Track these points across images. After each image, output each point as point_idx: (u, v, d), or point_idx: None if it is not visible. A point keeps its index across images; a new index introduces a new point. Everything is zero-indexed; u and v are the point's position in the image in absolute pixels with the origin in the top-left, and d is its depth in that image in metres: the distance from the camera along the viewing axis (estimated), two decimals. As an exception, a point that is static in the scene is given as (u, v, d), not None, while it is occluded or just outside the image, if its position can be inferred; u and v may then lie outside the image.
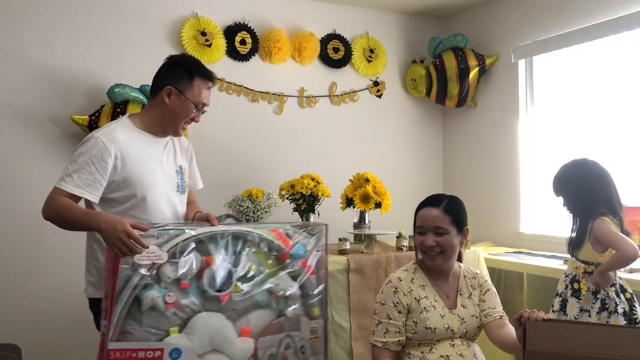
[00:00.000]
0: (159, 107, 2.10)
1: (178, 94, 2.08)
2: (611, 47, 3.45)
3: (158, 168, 2.11)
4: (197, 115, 2.14)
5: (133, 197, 2.03)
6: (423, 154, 4.59)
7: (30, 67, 3.29)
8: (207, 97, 2.15)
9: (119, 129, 2.06)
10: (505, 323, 1.98)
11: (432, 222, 2.00)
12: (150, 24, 3.59)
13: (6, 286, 3.21)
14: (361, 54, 4.25)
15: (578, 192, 2.57)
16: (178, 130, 2.15)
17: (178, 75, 2.09)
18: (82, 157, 1.96)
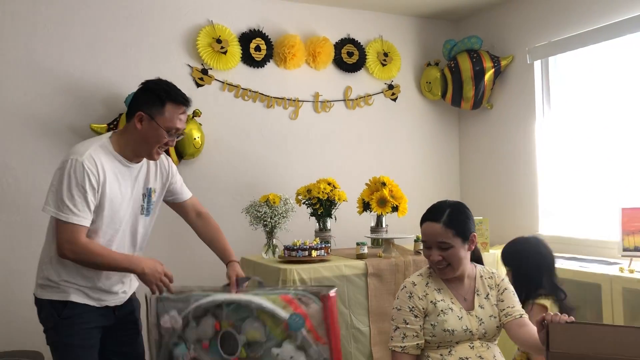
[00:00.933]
0: (132, 132, 2.11)
1: (149, 119, 2.08)
2: (627, 46, 3.41)
3: (128, 194, 2.15)
4: (170, 140, 2.12)
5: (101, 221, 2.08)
6: (439, 156, 4.58)
7: (50, 78, 3.34)
8: (181, 122, 2.13)
9: (99, 151, 2.07)
10: (526, 322, 1.97)
11: (434, 238, 1.99)
12: (166, 33, 3.63)
13: (29, 293, 3.25)
14: (375, 57, 4.26)
15: (521, 269, 2.49)
16: (152, 155, 2.15)
17: (150, 100, 2.09)
18: (75, 186, 1.99)
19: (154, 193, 2.26)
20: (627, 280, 2.81)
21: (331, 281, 2.89)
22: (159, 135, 2.09)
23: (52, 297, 2.11)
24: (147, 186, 2.23)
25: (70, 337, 2.10)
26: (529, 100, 3.98)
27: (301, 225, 3.50)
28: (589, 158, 3.67)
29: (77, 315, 2.10)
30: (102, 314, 2.17)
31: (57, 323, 2.10)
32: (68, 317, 2.09)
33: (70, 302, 2.09)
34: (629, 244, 3.00)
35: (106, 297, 2.17)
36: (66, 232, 2.00)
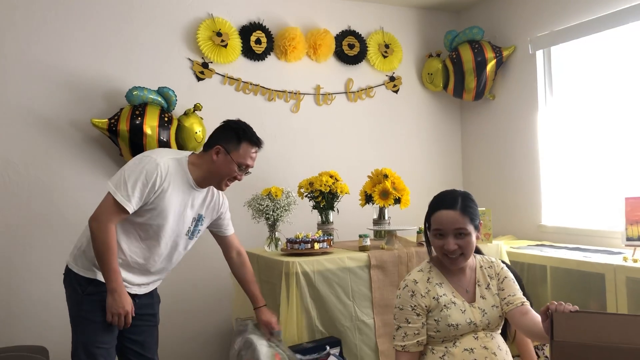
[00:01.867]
0: (208, 163, 2.35)
1: (225, 153, 2.33)
2: (630, 35, 3.39)
3: (182, 212, 2.36)
4: (239, 174, 2.39)
5: (150, 227, 2.30)
6: (441, 148, 4.57)
7: (50, 73, 3.33)
8: (252, 160, 2.41)
9: (176, 167, 2.30)
10: (528, 309, 1.95)
11: (452, 225, 1.95)
12: (166, 27, 3.62)
13: (33, 288, 3.26)
14: (376, 49, 4.24)
15: None
16: (221, 186, 2.41)
17: (228, 137, 2.35)
18: (141, 176, 2.20)
19: (203, 220, 2.48)
20: (630, 269, 2.80)
21: (334, 273, 2.89)
22: (231, 169, 2.35)
23: (80, 272, 2.30)
24: (199, 212, 2.45)
25: (90, 313, 2.26)
26: (531, 91, 3.96)
27: (303, 218, 3.50)
28: (592, 148, 3.65)
29: (100, 294, 2.23)
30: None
31: (80, 298, 2.28)
32: (91, 293, 2.26)
33: (97, 280, 2.26)
34: (632, 234, 2.99)
35: (130, 285, 2.33)
36: (108, 205, 2.20)
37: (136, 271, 2.35)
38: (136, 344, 2.46)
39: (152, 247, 2.34)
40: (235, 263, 2.67)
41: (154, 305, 2.51)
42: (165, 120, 3.34)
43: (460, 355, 1.90)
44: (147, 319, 2.46)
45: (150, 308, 2.48)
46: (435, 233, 1.99)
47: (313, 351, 2.69)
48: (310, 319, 2.83)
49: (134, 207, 2.20)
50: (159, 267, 2.42)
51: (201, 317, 3.69)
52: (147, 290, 2.45)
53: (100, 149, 3.43)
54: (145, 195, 2.21)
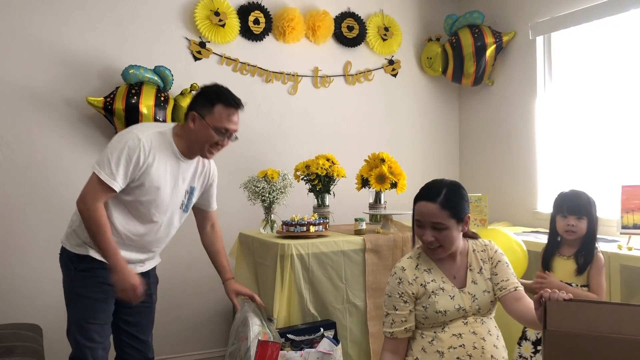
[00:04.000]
0: (187, 131, 2.30)
1: (200, 119, 2.26)
2: (631, 22, 3.36)
3: (173, 185, 2.32)
4: (221, 140, 2.29)
5: (143, 206, 2.27)
6: (439, 133, 4.55)
7: (45, 50, 3.29)
8: (231, 123, 2.29)
9: (159, 139, 2.26)
10: (522, 295, 1.95)
11: (429, 218, 1.93)
12: (163, 5, 3.57)
13: (26, 267, 3.25)
14: (376, 32, 4.20)
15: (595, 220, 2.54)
16: (205, 153, 2.32)
17: (203, 102, 2.28)
18: (124, 152, 2.16)
19: (195, 192, 2.45)
20: (625, 257, 2.80)
21: (328, 256, 2.90)
22: (208, 135, 2.26)
23: (73, 249, 2.29)
24: (191, 184, 2.41)
25: (83, 289, 2.27)
26: (531, 77, 3.94)
27: (299, 201, 3.49)
28: (589, 135, 3.64)
29: (93, 270, 2.25)
30: None
31: (73, 275, 2.29)
32: (84, 270, 2.27)
33: (89, 256, 2.25)
34: (628, 222, 2.99)
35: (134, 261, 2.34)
36: (93, 184, 2.17)
37: (132, 248, 2.33)
38: (130, 325, 2.46)
39: (147, 224, 2.32)
40: (208, 236, 2.65)
41: (150, 286, 2.48)
42: (161, 99, 3.31)
43: (448, 340, 1.90)
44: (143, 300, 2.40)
45: (147, 288, 2.41)
46: (416, 222, 2.00)
47: (307, 333, 2.71)
48: (302, 301, 2.84)
49: (120, 184, 2.17)
50: (155, 242, 2.41)
51: (195, 298, 3.70)
52: (144, 268, 2.44)
53: (95, 127, 3.40)
54: (130, 172, 2.18)
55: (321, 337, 2.71)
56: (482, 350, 1.89)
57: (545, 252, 2.65)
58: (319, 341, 2.68)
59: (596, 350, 1.37)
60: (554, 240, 2.63)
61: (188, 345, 3.70)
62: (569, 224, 2.52)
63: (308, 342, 2.67)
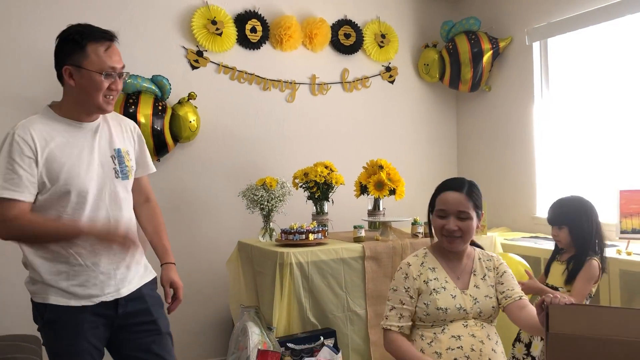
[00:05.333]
0: (69, 91, 1.88)
1: (77, 69, 1.83)
2: (627, 27, 3.38)
3: (87, 156, 1.89)
4: (113, 82, 1.88)
5: (66, 194, 1.83)
6: (437, 139, 4.56)
7: (43, 59, 3.28)
8: (112, 59, 1.87)
9: (37, 120, 1.85)
10: (526, 304, 1.98)
11: (456, 207, 1.99)
12: (161, 14, 3.58)
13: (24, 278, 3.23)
14: (373, 39, 4.21)
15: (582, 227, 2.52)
16: (101, 105, 1.88)
17: (69, 50, 1.86)
18: (2, 156, 1.77)
19: (126, 154, 2.00)
20: (624, 262, 2.81)
21: (328, 264, 2.89)
22: (96, 82, 1.84)
23: (34, 298, 1.89)
24: (114, 147, 1.97)
25: (54, 345, 1.87)
26: (528, 82, 3.95)
27: (298, 208, 3.49)
28: (587, 140, 3.65)
29: (58, 322, 1.84)
30: (97, 314, 1.88)
31: (43, 329, 1.89)
32: (50, 321, 1.85)
33: (50, 304, 1.84)
34: (626, 226, 3.00)
35: (94, 288, 1.87)
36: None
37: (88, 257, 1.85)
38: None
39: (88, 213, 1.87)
40: (144, 212, 2.15)
41: (150, 309, 1.99)
42: (159, 108, 3.31)
43: (447, 341, 1.92)
44: (146, 329, 1.97)
45: (147, 314, 1.98)
46: (438, 214, 2.03)
47: (307, 341, 2.70)
48: (302, 309, 2.83)
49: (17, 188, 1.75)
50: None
51: (195, 307, 3.69)
52: (129, 286, 1.95)
53: (93, 137, 3.40)
54: (24, 170, 1.76)
55: (321, 346, 2.70)
56: (480, 353, 1.90)
57: (549, 258, 2.71)
58: (319, 350, 2.68)
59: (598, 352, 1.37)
60: (556, 246, 2.68)
61: (188, 354, 3.68)
62: (552, 233, 2.63)
63: (308, 351, 2.66)
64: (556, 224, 2.57)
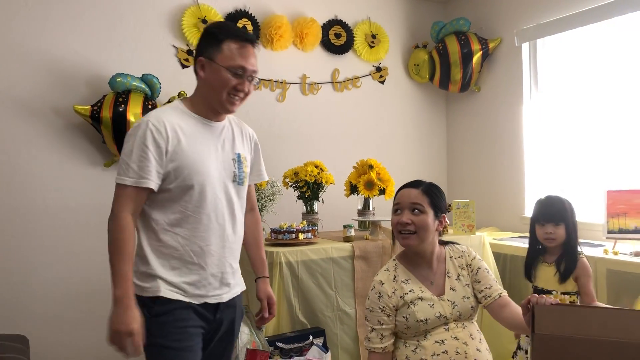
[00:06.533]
0: (200, 86, 1.94)
1: (209, 62, 1.88)
2: (616, 29, 3.41)
3: (213, 154, 1.92)
4: (240, 83, 1.89)
5: (189, 189, 1.85)
6: (427, 139, 4.58)
7: (32, 58, 3.27)
8: (246, 60, 1.89)
9: (170, 112, 1.90)
10: (508, 301, 1.96)
11: (409, 199, 1.97)
12: (150, 13, 3.57)
13: (13, 278, 3.22)
14: (363, 39, 4.22)
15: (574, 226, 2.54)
16: (224, 104, 1.90)
17: (208, 43, 1.90)
18: (137, 145, 1.79)
19: (245, 160, 2.03)
20: (611, 262, 2.83)
21: (317, 263, 2.89)
22: (223, 79, 1.86)
23: (142, 291, 1.84)
24: (235, 151, 2.00)
25: (162, 338, 1.82)
26: (517, 83, 3.98)
27: (288, 208, 3.49)
28: (575, 141, 3.68)
29: (172, 313, 1.84)
30: (199, 313, 1.89)
31: (149, 323, 1.81)
32: (159, 314, 1.83)
33: (162, 297, 1.83)
34: (613, 226, 3.03)
35: (202, 289, 1.89)
36: (116, 195, 1.80)
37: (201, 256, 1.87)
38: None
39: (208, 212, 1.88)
40: (248, 219, 2.16)
41: (235, 321, 2.03)
42: (149, 107, 3.30)
43: (431, 347, 1.90)
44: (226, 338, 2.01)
45: (232, 324, 2.01)
46: (394, 209, 2.02)
47: (296, 340, 2.70)
48: (291, 308, 2.83)
49: (153, 179, 1.79)
50: (229, 236, 1.96)
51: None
52: (230, 293, 1.96)
53: (82, 136, 3.38)
54: (156, 160, 1.79)
55: (310, 345, 2.70)
56: (465, 354, 1.89)
57: (527, 261, 2.65)
58: (308, 349, 2.68)
59: (584, 352, 1.38)
60: (535, 248, 2.64)
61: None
62: (547, 231, 2.54)
63: (297, 350, 2.66)
64: (554, 220, 2.52)
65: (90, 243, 3.30)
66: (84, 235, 3.31)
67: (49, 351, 3.21)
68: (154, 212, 1.86)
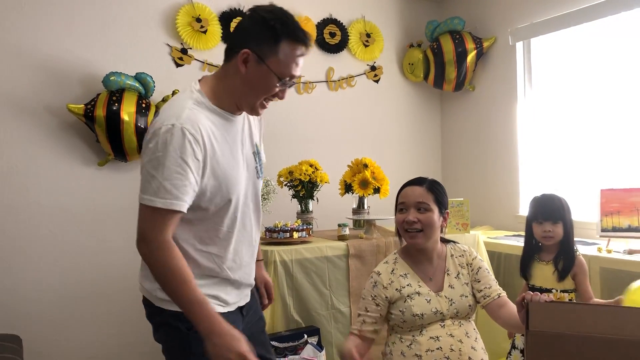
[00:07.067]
0: (233, 77, 1.60)
1: (258, 61, 1.56)
2: (609, 28, 3.42)
3: (240, 158, 1.69)
4: (282, 91, 1.64)
5: (226, 205, 1.64)
6: (421, 138, 4.58)
7: (25, 57, 3.25)
8: (298, 68, 1.63)
9: (199, 110, 1.58)
10: (505, 301, 1.97)
11: (414, 198, 1.98)
12: (145, 12, 3.55)
13: (6, 277, 3.20)
14: (358, 38, 4.22)
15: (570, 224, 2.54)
16: (256, 108, 1.66)
17: (260, 35, 1.56)
18: (172, 158, 1.48)
19: (261, 148, 1.84)
20: (604, 260, 2.84)
21: (312, 262, 2.89)
22: (269, 84, 1.59)
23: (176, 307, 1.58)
24: (254, 142, 1.79)
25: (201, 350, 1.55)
26: (511, 82, 3.99)
27: (283, 207, 3.49)
28: (569, 140, 3.70)
29: None
30: (235, 318, 1.72)
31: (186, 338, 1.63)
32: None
33: None
34: (607, 225, 3.04)
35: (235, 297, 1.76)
36: (146, 217, 1.51)
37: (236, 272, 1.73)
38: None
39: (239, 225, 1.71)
40: None
41: (258, 307, 1.95)
42: (142, 106, 3.29)
43: (426, 343, 1.92)
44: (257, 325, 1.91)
45: (257, 311, 1.92)
46: (399, 208, 2.03)
47: (290, 339, 2.70)
48: (286, 307, 2.83)
49: (185, 200, 1.51)
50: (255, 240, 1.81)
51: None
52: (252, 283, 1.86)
53: (76, 135, 3.37)
54: (194, 177, 1.52)
55: (305, 344, 2.70)
56: (460, 352, 1.90)
57: (523, 259, 2.64)
58: (302, 348, 2.68)
59: (577, 348, 1.39)
60: (531, 246, 2.63)
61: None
62: (545, 229, 2.53)
63: (292, 349, 2.66)
64: (552, 218, 2.51)
65: (83, 242, 3.28)
66: (78, 234, 3.29)
67: (43, 351, 3.20)
68: (182, 230, 1.61)
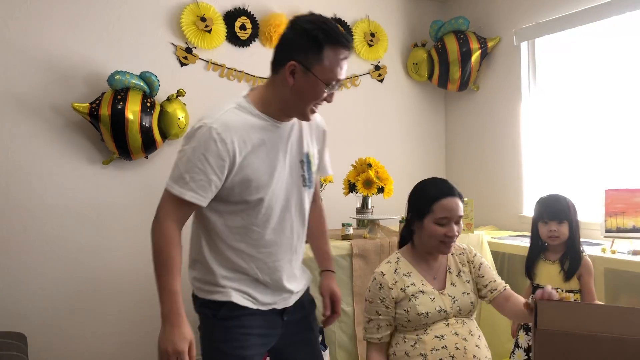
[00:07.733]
0: (281, 87, 1.68)
1: (304, 71, 1.63)
2: (614, 28, 3.42)
3: (280, 162, 1.74)
4: (329, 95, 1.70)
5: (257, 204, 1.71)
6: (425, 138, 4.58)
7: (30, 56, 3.26)
8: (343, 72, 1.68)
9: (235, 114, 1.68)
10: (511, 293, 2.00)
11: (457, 212, 1.96)
12: (149, 11, 3.56)
13: (12, 275, 3.21)
14: (362, 38, 4.22)
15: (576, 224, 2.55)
16: (306, 114, 1.72)
17: (304, 45, 1.62)
18: (196, 152, 1.61)
19: (312, 158, 1.86)
20: (608, 260, 2.84)
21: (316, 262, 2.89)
22: (317, 91, 1.66)
23: (207, 296, 1.76)
24: (303, 151, 1.82)
25: (224, 343, 1.74)
26: (515, 82, 3.99)
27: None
28: (573, 140, 3.69)
29: (238, 318, 1.75)
30: (267, 319, 1.80)
31: (212, 324, 1.76)
32: (225, 318, 1.74)
33: (230, 302, 1.74)
34: (611, 225, 3.04)
35: (268, 298, 1.79)
36: (164, 199, 1.65)
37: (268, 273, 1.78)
38: None
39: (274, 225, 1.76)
40: (313, 211, 1.99)
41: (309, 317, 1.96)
42: (147, 105, 3.30)
43: (430, 342, 1.92)
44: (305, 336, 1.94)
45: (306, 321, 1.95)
46: (439, 221, 1.95)
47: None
48: (291, 307, 2.83)
49: (203, 193, 1.62)
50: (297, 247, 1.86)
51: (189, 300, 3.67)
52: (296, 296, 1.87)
53: (81, 133, 3.38)
54: (216, 175, 1.62)
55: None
56: (465, 350, 1.90)
57: (529, 259, 2.64)
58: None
59: (585, 347, 1.39)
60: (537, 246, 2.63)
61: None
62: (551, 229, 2.53)
63: (296, 348, 2.66)
64: (558, 218, 2.51)
65: (88, 240, 3.29)
66: (83, 232, 3.30)
67: (48, 349, 3.20)
68: (215, 224, 1.73)
